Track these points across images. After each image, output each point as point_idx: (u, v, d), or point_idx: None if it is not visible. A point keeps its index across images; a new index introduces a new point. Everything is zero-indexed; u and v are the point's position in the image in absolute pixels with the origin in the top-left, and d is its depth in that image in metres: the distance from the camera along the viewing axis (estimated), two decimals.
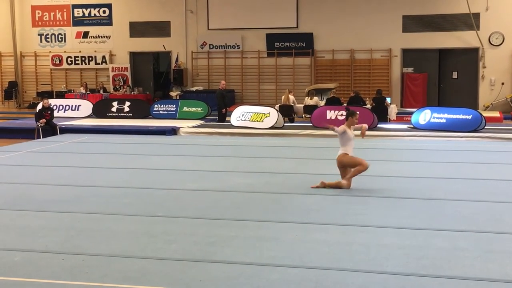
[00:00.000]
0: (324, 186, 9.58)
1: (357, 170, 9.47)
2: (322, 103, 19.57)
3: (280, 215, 8.00)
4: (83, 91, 25.07)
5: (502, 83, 22.91)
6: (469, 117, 16.33)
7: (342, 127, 9.57)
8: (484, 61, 23.10)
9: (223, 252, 6.46)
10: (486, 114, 18.55)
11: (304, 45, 24.69)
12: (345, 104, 18.80)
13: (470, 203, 8.64)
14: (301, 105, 19.85)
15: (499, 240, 6.82)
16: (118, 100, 21.58)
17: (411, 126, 17.32)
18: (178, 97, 23.83)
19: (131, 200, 9.00)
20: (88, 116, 21.07)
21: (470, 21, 22.60)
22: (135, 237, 7.07)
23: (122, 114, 20.70)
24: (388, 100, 19.76)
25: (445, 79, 23.84)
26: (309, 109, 19.07)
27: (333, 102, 18.99)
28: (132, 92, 25.30)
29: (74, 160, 12.83)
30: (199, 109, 20.22)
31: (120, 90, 25.76)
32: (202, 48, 25.79)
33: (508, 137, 15.49)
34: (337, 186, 9.51)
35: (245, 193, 9.40)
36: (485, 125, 16.29)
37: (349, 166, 9.57)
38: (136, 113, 20.63)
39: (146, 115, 20.65)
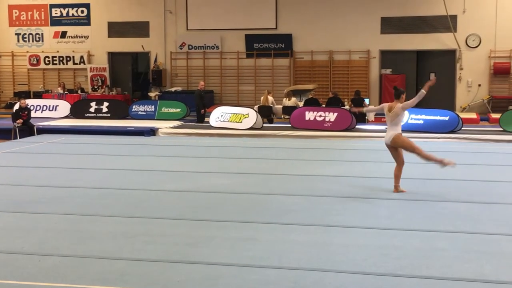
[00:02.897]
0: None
1: (425, 156, 9.24)
2: (301, 104, 19.62)
3: (259, 216, 8.00)
4: (61, 92, 24.86)
5: (479, 85, 23.12)
6: (446, 118, 16.47)
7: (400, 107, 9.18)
8: (461, 63, 23.30)
9: (201, 253, 6.45)
10: (463, 115, 18.72)
11: (283, 46, 24.72)
12: (324, 105, 18.87)
13: (447, 203, 8.71)
14: (280, 106, 19.87)
15: (477, 240, 6.88)
16: (96, 101, 21.45)
17: None
18: (156, 98, 23.73)
19: (109, 201, 8.95)
20: (66, 117, 20.92)
21: (447, 23, 22.78)
22: (113, 238, 7.03)
23: (100, 115, 20.58)
24: (367, 101, 19.87)
25: (423, 81, 23.81)
26: (288, 110, 19.10)
27: (312, 103, 19.04)
28: (111, 93, 25.14)
29: (52, 161, 12.73)
30: (178, 110, 20.16)
31: (99, 91, 25.60)
32: (181, 48, 25.72)
33: (485, 138, 15.64)
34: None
35: (224, 194, 9.39)
36: (462, 126, 16.44)
37: (404, 148, 9.30)
38: (114, 114, 20.52)
39: (125, 115, 20.55)
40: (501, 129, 16.52)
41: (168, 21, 25.71)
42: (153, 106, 20.50)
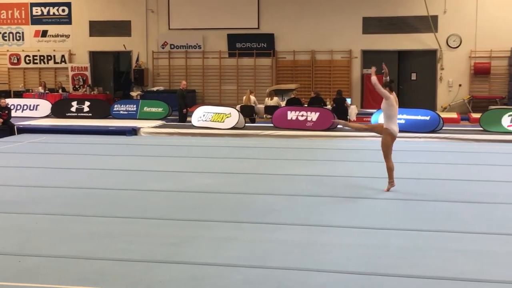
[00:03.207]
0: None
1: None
2: (283, 103, 19.63)
3: (243, 216, 8.00)
4: (42, 91, 24.66)
5: (460, 85, 23.27)
6: (427, 118, 16.57)
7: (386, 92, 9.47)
8: (442, 63, 23.43)
9: (184, 252, 6.43)
10: (444, 115, 18.84)
11: (265, 46, 24.71)
12: (306, 105, 18.90)
13: (428, 202, 8.77)
14: (262, 106, 19.87)
15: (457, 239, 6.93)
16: (77, 100, 21.30)
17: None
18: (138, 97, 23.62)
19: (91, 201, 8.90)
20: (47, 116, 20.76)
21: (428, 23, 22.90)
22: (95, 238, 6.99)
23: (82, 114, 20.45)
24: (349, 101, 19.90)
25: (404, 81, 24.11)
26: (270, 109, 19.10)
27: (294, 103, 19.06)
28: (92, 92, 24.97)
29: (32, 161, 12.64)
30: (160, 109, 20.09)
31: (80, 90, 25.43)
32: (163, 48, 25.61)
33: (465, 137, 15.75)
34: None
35: (206, 194, 9.37)
36: (442, 126, 16.54)
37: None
38: (96, 113, 20.40)
39: (106, 115, 20.44)
40: (481, 128, 16.64)
41: (150, 20, 25.59)
42: (135, 106, 20.41)
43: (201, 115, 18.09)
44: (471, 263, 6.11)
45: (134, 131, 17.29)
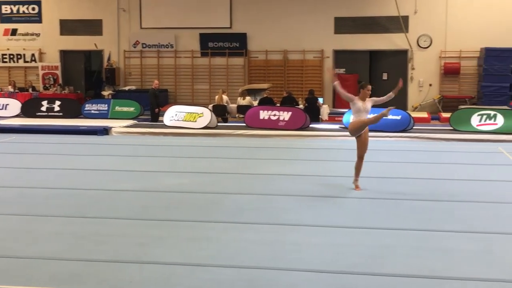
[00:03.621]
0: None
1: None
2: (256, 103, 19.65)
3: (213, 215, 8.00)
4: (12, 90, 24.37)
5: (430, 85, 23.51)
6: (398, 117, 16.69)
7: (351, 95, 9.55)
8: (412, 63, 23.64)
9: (154, 252, 6.41)
10: (414, 114, 19.01)
11: (237, 45, 24.71)
12: (278, 105, 18.94)
13: (398, 201, 8.84)
14: (235, 105, 19.87)
15: (426, 238, 7.00)
16: (48, 99, 21.08)
17: (343, 126, 17.55)
18: (110, 97, 23.46)
19: (61, 201, 8.82)
20: (17, 116, 20.50)
21: (399, 23, 23.09)
22: (64, 238, 6.93)
23: (52, 114, 20.25)
24: (321, 100, 20.01)
25: (376, 80, 24.21)
26: (242, 109, 19.11)
27: (266, 102, 19.08)
28: (63, 91, 24.75)
29: (2, 161, 12.48)
30: (132, 109, 19.99)
31: (50, 89, 25.17)
32: (134, 47, 25.48)
33: (435, 137, 15.91)
34: None
35: (178, 193, 9.34)
36: (413, 126, 16.69)
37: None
38: (66, 113, 20.21)
39: (77, 114, 20.26)
40: (451, 128, 16.83)
41: (121, 19, 25.43)
42: (106, 105, 20.28)
43: (173, 114, 18.03)
44: (439, 260, 6.17)
45: (105, 131, 17.16)
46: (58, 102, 20.63)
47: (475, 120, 16.54)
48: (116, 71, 25.37)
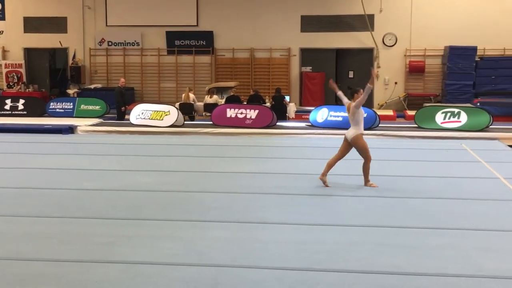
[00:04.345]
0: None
1: (367, 169, 9.66)
2: (222, 101, 19.64)
3: (180, 214, 7.99)
4: None
5: (395, 83, 23.75)
6: (364, 115, 16.74)
7: (354, 103, 9.53)
8: (378, 61, 23.86)
9: (121, 252, 6.38)
10: (380, 112, 19.20)
11: (204, 43, 24.66)
12: (245, 103, 18.96)
13: (363, 198, 8.94)
14: (202, 103, 19.84)
15: (390, 234, 7.09)
16: (11, 98, 20.81)
17: (309, 124, 17.67)
18: (75, 95, 23.25)
19: (25, 200, 8.72)
20: None
21: (365, 22, 23.29)
22: (29, 239, 6.86)
23: (16, 112, 20.00)
24: (287, 98, 20.08)
25: (342, 78, 24.42)
26: (209, 107, 19.09)
27: (233, 101, 19.09)
28: (27, 90, 24.43)
29: None
30: (97, 107, 19.83)
31: (14, 87, 24.83)
32: (100, 45, 25.26)
33: (401, 134, 16.09)
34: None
35: (144, 192, 9.31)
36: (379, 123, 16.86)
37: (358, 150, 9.68)
38: (31, 111, 19.97)
39: (42, 113, 20.04)
40: (416, 125, 17.03)
41: (86, 16, 25.19)
42: (71, 104, 20.09)
43: (139, 113, 17.93)
44: (405, 257, 6.26)
45: (70, 130, 17.00)
46: (22, 101, 20.38)
47: (439, 117, 16.76)
48: (82, 69, 25.14)
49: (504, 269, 5.91)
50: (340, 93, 10.11)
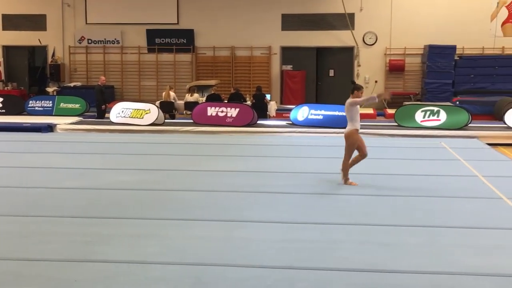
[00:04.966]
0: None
1: (356, 160, 9.65)
2: (203, 99, 19.61)
3: (161, 212, 7.96)
4: None
5: (376, 81, 23.85)
6: (345, 113, 16.84)
7: (351, 100, 9.54)
8: (359, 59, 23.95)
9: (100, 251, 6.34)
10: (360, 110, 19.16)
11: (185, 42, 24.59)
12: (226, 101, 18.94)
13: (344, 196, 8.97)
14: (182, 102, 19.79)
15: (371, 232, 7.11)
16: None
17: (290, 122, 17.71)
18: (54, 93, 23.09)
19: (3, 199, 8.64)
20: None
21: (345, 21, 23.36)
22: (8, 238, 6.80)
23: None
24: (268, 97, 20.09)
25: (323, 77, 24.52)
26: (190, 105, 19.05)
27: (214, 99, 19.07)
28: (6, 88, 24.22)
29: None
30: (77, 106, 19.72)
31: None
32: (80, 43, 25.10)
33: (381, 132, 16.17)
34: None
35: (124, 191, 9.26)
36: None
37: (345, 147, 9.66)
38: (9, 109, 19.80)
39: (21, 111, 19.89)
40: (396, 124, 17.13)
41: (66, 14, 25.01)
42: (51, 102, 19.96)
43: (119, 111, 17.85)
44: (382, 254, 6.28)
45: (50, 128, 16.89)
46: (0, 99, 20.20)
47: (419, 116, 16.87)
48: (61, 67, 24.96)
49: (482, 266, 5.96)
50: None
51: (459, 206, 8.42)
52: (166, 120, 17.99)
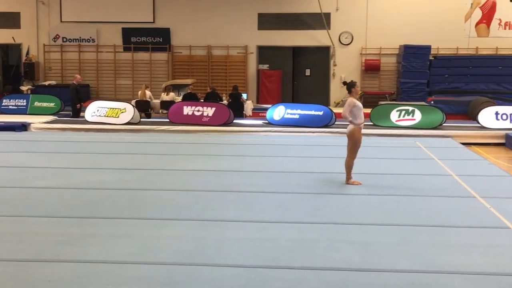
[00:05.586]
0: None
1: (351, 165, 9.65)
2: (179, 98, 19.54)
3: (135, 212, 7.92)
4: None
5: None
6: (321, 113, 16.96)
7: (352, 100, 9.49)
8: (334, 59, 24.04)
9: (74, 251, 6.29)
10: (336, 110, 19.30)
11: (161, 40, 24.50)
12: (202, 100, 18.89)
13: (319, 195, 8.99)
14: (158, 101, 19.71)
15: (346, 231, 7.14)
16: None
17: (266, 121, 17.72)
18: (29, 92, 22.86)
19: None
20: None
21: (321, 20, 23.44)
22: None
23: None
24: (244, 96, 20.08)
25: (299, 76, 24.58)
26: (166, 104, 18.97)
27: (190, 98, 19.01)
28: None
29: None
30: (52, 104, 19.55)
31: None
32: (54, 41, 24.87)
33: None
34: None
35: (99, 190, 9.19)
36: (335, 121, 16.98)
37: (349, 145, 9.66)
38: None
39: None
40: (371, 123, 17.20)
41: (40, 12, 24.78)
42: (25, 100, 19.76)
43: (95, 110, 17.72)
44: (359, 253, 6.31)
45: (24, 127, 16.73)
46: None
47: (394, 115, 16.97)
48: (36, 65, 24.73)
49: (456, 264, 6.01)
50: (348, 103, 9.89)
51: (433, 205, 8.48)
52: (141, 119, 17.91)
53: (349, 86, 9.81)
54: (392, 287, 5.46)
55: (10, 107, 19.59)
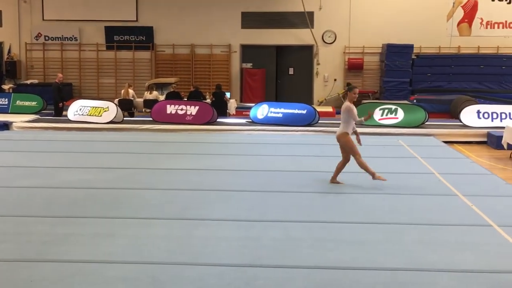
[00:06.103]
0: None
1: (362, 164, 9.57)
2: (162, 97, 19.49)
3: (119, 211, 7.89)
4: None
5: (335, 80, 24.03)
6: (304, 111, 16.99)
7: (349, 105, 9.46)
8: (318, 58, 24.10)
9: (57, 250, 6.26)
10: (319, 109, 19.38)
11: (144, 39, 24.41)
12: (185, 99, 18.85)
13: (303, 194, 9.00)
14: (141, 100, 19.64)
15: (331, 229, 7.16)
16: None
17: (250, 120, 17.71)
18: (10, 90, 22.67)
19: None
20: None
21: (305, 19, 23.48)
22: None
23: None
24: (228, 95, 20.06)
25: (282, 75, 24.60)
26: (149, 103, 18.91)
27: (173, 97, 18.97)
28: None
29: None
30: (34, 103, 19.40)
31: None
32: (37, 39, 24.70)
33: None
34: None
35: (82, 190, 9.14)
36: (318, 120, 17.01)
37: (345, 149, 9.64)
38: None
39: None
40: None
41: (22, 10, 24.59)
42: (6, 99, 19.59)
43: (77, 109, 17.62)
44: (345, 251, 6.34)
45: (5, 126, 16.59)
46: None
47: (377, 114, 17.03)
48: (17, 64, 24.56)
49: (441, 262, 6.06)
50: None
51: (417, 203, 8.53)
52: (125, 118, 17.83)
53: (348, 90, 9.86)
54: (379, 286, 5.48)
55: None
